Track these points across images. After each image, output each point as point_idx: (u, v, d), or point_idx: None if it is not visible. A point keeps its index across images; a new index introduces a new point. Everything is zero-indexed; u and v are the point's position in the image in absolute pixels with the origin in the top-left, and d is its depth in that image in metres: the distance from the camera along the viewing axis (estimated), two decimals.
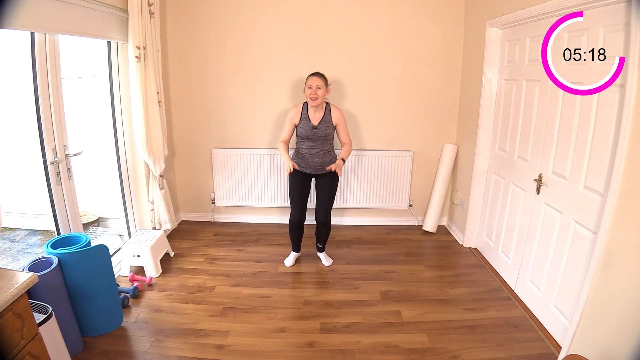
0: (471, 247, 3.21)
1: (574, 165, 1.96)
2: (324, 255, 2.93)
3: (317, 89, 2.44)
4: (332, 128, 2.58)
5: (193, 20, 3.17)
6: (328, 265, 2.89)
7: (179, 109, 3.38)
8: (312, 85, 2.45)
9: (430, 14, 3.14)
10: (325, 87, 2.49)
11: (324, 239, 2.87)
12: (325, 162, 2.59)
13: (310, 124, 2.51)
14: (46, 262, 1.86)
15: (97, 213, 3.33)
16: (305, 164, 2.59)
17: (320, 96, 2.46)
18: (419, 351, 2.03)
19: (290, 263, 2.86)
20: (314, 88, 2.44)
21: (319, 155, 2.57)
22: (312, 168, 2.60)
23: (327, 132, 2.54)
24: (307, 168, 2.60)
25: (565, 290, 2.02)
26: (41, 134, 2.11)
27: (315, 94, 2.44)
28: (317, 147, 2.56)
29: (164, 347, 2.03)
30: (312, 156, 2.56)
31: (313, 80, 2.46)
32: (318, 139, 2.54)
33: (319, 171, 2.61)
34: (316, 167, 2.59)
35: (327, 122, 2.53)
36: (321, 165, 2.59)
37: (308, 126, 2.51)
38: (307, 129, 2.52)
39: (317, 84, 2.45)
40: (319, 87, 2.45)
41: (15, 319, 1.25)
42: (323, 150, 2.58)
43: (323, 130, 2.53)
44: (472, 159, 3.03)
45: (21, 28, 1.88)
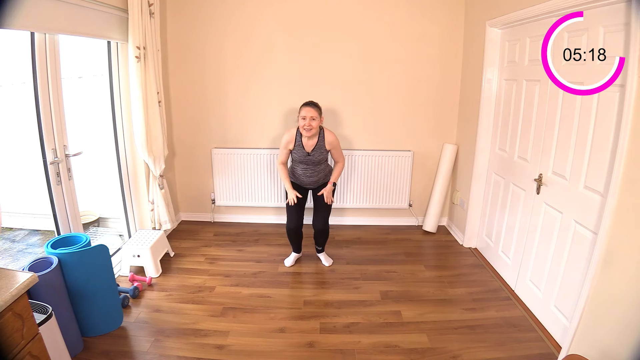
0: (471, 247, 3.21)
1: (574, 165, 1.96)
2: (324, 256, 2.94)
3: (312, 120, 2.39)
4: (326, 154, 2.59)
5: (193, 20, 3.17)
6: (328, 265, 2.89)
7: (179, 109, 3.38)
8: (306, 117, 2.39)
9: (430, 14, 3.14)
10: (319, 117, 2.42)
11: (323, 243, 2.88)
12: (320, 179, 2.63)
13: (304, 151, 2.50)
14: (46, 262, 1.86)
15: (97, 213, 3.34)
16: (300, 182, 2.64)
17: (315, 127, 2.40)
18: (419, 351, 2.03)
19: (290, 263, 2.87)
20: (308, 119, 2.39)
21: (313, 175, 2.61)
22: (308, 183, 2.65)
23: (320, 158, 2.55)
24: (303, 183, 2.64)
25: (565, 290, 2.02)
26: (41, 134, 2.11)
27: (310, 125, 2.39)
28: (310, 169, 2.59)
29: (164, 347, 2.03)
30: (307, 177, 2.60)
31: (307, 111, 2.39)
32: (311, 163, 2.56)
33: (315, 185, 2.66)
34: (311, 184, 2.64)
35: (320, 149, 2.52)
36: (316, 183, 2.63)
37: (302, 153, 2.51)
38: (300, 156, 2.52)
39: (312, 115, 2.38)
40: (313, 119, 2.39)
41: (15, 319, 1.25)
42: (317, 171, 2.60)
43: (317, 157, 2.53)
44: (472, 159, 3.03)
45: (21, 28, 1.88)
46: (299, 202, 2.61)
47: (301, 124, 2.42)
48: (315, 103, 2.47)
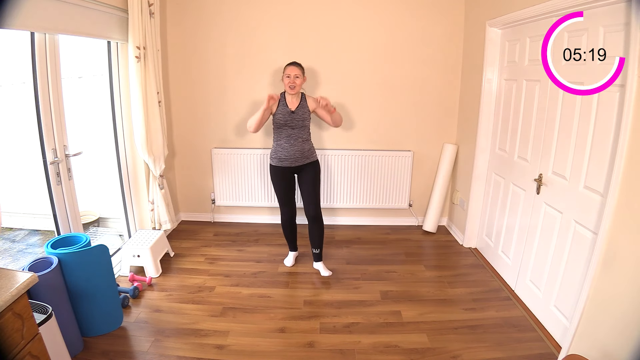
0: (471, 247, 3.21)
1: (574, 165, 1.96)
2: (322, 266, 2.77)
3: (295, 78, 2.52)
4: (309, 114, 2.60)
5: (193, 20, 3.17)
6: (327, 275, 2.73)
7: (179, 109, 3.38)
8: (290, 75, 2.52)
9: (430, 14, 3.14)
10: (302, 75, 2.55)
11: (319, 242, 2.72)
12: (305, 149, 2.59)
13: (287, 109, 2.54)
14: (46, 262, 1.86)
15: (97, 213, 3.34)
16: (285, 156, 2.56)
17: (298, 85, 2.53)
18: (419, 351, 2.03)
19: (290, 263, 2.87)
20: (292, 77, 2.51)
21: (298, 143, 2.56)
22: (292, 158, 2.56)
23: (304, 117, 2.57)
24: (287, 160, 2.56)
25: (565, 290, 2.02)
26: (41, 134, 2.12)
27: (293, 82, 2.51)
28: (295, 135, 2.55)
29: (164, 347, 2.03)
30: (291, 145, 2.55)
31: (291, 69, 2.53)
32: (296, 125, 2.54)
33: (300, 161, 2.58)
34: (296, 157, 2.57)
35: (304, 108, 2.58)
36: (302, 154, 2.58)
37: (286, 112, 2.54)
38: (285, 115, 2.54)
39: (295, 73, 2.52)
40: (297, 76, 2.52)
41: (15, 319, 1.25)
42: (302, 138, 2.58)
43: (300, 114, 2.55)
44: (472, 159, 3.03)
45: (21, 28, 1.88)
46: (288, 190, 2.64)
47: (286, 82, 2.54)
48: (299, 63, 2.58)
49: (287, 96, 2.58)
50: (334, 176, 3.45)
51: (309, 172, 2.63)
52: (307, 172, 2.63)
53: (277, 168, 2.61)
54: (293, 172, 2.65)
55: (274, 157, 2.62)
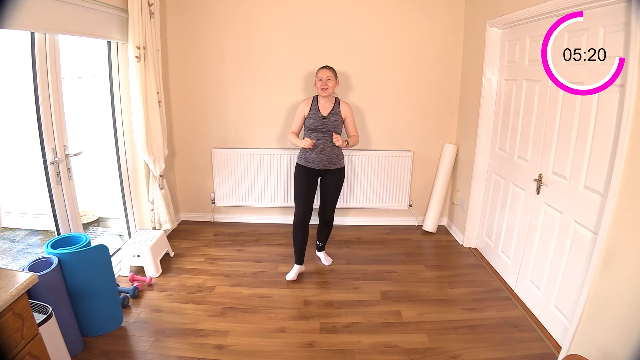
0: (471, 247, 3.21)
1: (574, 165, 1.96)
2: (324, 255, 2.94)
3: (328, 80, 2.52)
4: (341, 121, 2.61)
5: (193, 20, 3.17)
6: (328, 264, 2.89)
7: (179, 109, 3.38)
8: (322, 77, 2.53)
9: (430, 14, 3.14)
10: (334, 78, 2.55)
11: (325, 238, 2.88)
12: (334, 155, 2.59)
13: (319, 114, 2.55)
14: (46, 262, 1.86)
15: (97, 213, 3.34)
16: (313, 158, 2.57)
17: (331, 87, 2.53)
18: (419, 351, 2.03)
19: (292, 277, 2.68)
20: (324, 79, 2.52)
21: (327, 148, 2.56)
22: (319, 162, 2.57)
23: (335, 123, 2.56)
24: (314, 162, 2.57)
25: (565, 290, 2.02)
26: (41, 134, 2.11)
27: (325, 84, 2.52)
28: (325, 139, 2.55)
29: (164, 347, 2.03)
30: (320, 149, 2.55)
31: (323, 72, 2.54)
32: (327, 130, 2.54)
33: (327, 166, 2.59)
34: (324, 161, 2.57)
35: (336, 114, 2.58)
36: (329, 159, 2.58)
37: (317, 116, 2.55)
38: (316, 119, 2.55)
39: (327, 75, 2.53)
40: (329, 79, 2.52)
41: (15, 319, 1.25)
42: (332, 143, 2.56)
43: (332, 121, 2.55)
44: (472, 159, 3.03)
45: (21, 28, 1.88)
46: (309, 192, 2.61)
47: (318, 85, 2.55)
48: (331, 66, 2.60)
49: (320, 100, 2.58)
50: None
51: (334, 179, 2.65)
52: (331, 178, 2.64)
53: (302, 167, 2.61)
54: (318, 174, 2.65)
55: (302, 157, 2.62)
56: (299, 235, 2.67)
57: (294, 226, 2.67)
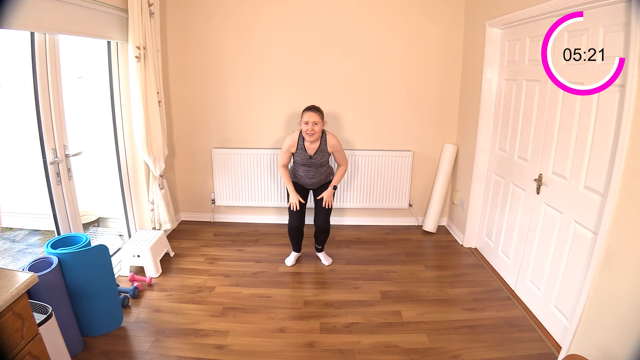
0: (471, 247, 3.21)
1: (574, 165, 1.96)
2: (324, 255, 2.94)
3: (314, 125, 2.40)
4: (328, 155, 2.60)
5: (193, 20, 3.17)
6: (328, 264, 2.90)
7: (179, 109, 3.38)
8: (308, 122, 2.40)
9: (430, 14, 3.14)
10: (321, 121, 2.44)
11: (323, 242, 2.89)
12: (322, 180, 2.66)
13: (306, 154, 2.53)
14: (46, 262, 1.86)
15: (97, 213, 3.34)
16: (304, 181, 2.66)
17: (317, 131, 2.43)
18: (419, 351, 2.03)
19: (291, 262, 2.87)
20: (310, 124, 2.40)
21: (315, 177, 2.63)
22: (310, 184, 2.67)
23: (322, 161, 2.57)
24: (306, 184, 2.67)
25: (565, 290, 2.02)
26: (41, 134, 2.11)
27: (312, 129, 2.41)
28: (312, 171, 2.61)
29: (164, 347, 2.03)
30: (308, 178, 2.62)
31: (309, 116, 2.41)
32: (314, 166, 2.58)
33: (318, 185, 2.68)
34: (314, 182, 2.66)
35: (322, 152, 2.54)
36: (318, 184, 2.66)
37: (304, 156, 2.54)
38: (303, 159, 2.54)
39: (314, 119, 2.40)
40: (316, 123, 2.40)
41: (15, 319, 1.25)
42: (319, 172, 2.62)
43: (319, 160, 2.56)
44: (472, 159, 3.03)
45: (21, 28, 1.88)
46: (300, 203, 2.60)
47: (304, 129, 2.43)
48: (317, 107, 2.47)
49: (306, 142, 2.50)
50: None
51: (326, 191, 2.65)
52: (323, 191, 2.65)
53: (294, 183, 2.65)
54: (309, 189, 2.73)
55: (293, 175, 2.65)
56: (295, 237, 2.80)
57: (289, 231, 2.78)
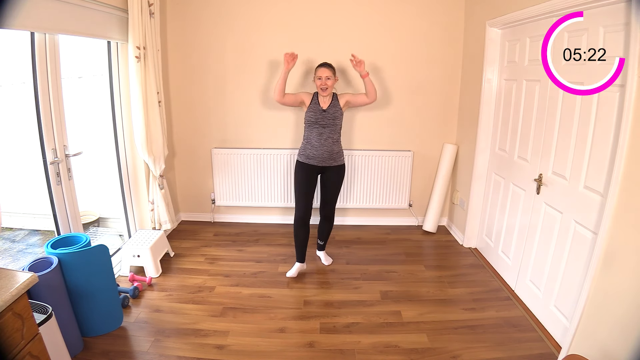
0: (471, 247, 3.21)
1: (574, 165, 1.96)
2: (324, 255, 2.94)
3: (327, 80, 2.53)
4: (341, 112, 2.62)
5: (193, 20, 3.17)
6: (328, 264, 2.89)
7: (179, 109, 3.38)
8: (321, 76, 2.54)
9: (430, 14, 3.14)
10: (333, 76, 2.56)
11: (326, 235, 2.87)
12: (334, 151, 2.60)
13: (319, 107, 2.57)
14: (46, 262, 1.86)
15: (97, 213, 3.34)
16: (313, 154, 2.57)
17: (330, 86, 2.55)
18: (419, 351, 2.03)
19: (292, 274, 2.71)
20: (323, 79, 2.53)
21: (327, 144, 2.56)
22: (320, 158, 2.57)
23: (335, 115, 2.57)
24: (314, 158, 2.57)
25: (565, 290, 2.02)
26: (41, 134, 2.11)
27: (325, 84, 2.53)
28: (326, 134, 2.56)
29: (164, 347, 2.03)
30: (321, 144, 2.55)
31: (322, 71, 2.55)
32: (327, 124, 2.55)
33: (327, 162, 2.59)
34: (324, 157, 2.57)
35: (335, 107, 2.59)
36: (330, 155, 2.58)
37: (317, 109, 2.57)
38: (316, 112, 2.56)
39: (327, 74, 2.53)
40: (328, 78, 2.53)
41: (15, 319, 1.25)
42: (332, 139, 2.58)
43: (332, 113, 2.57)
44: (472, 159, 3.03)
45: (21, 28, 1.88)
46: (309, 189, 2.61)
47: (318, 84, 2.56)
48: (330, 64, 2.59)
49: (319, 96, 2.61)
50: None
51: (334, 175, 2.65)
52: (332, 175, 2.65)
53: (302, 164, 2.62)
54: (318, 171, 2.65)
55: (302, 154, 2.63)
56: (300, 233, 2.68)
57: (295, 224, 2.67)
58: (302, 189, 2.63)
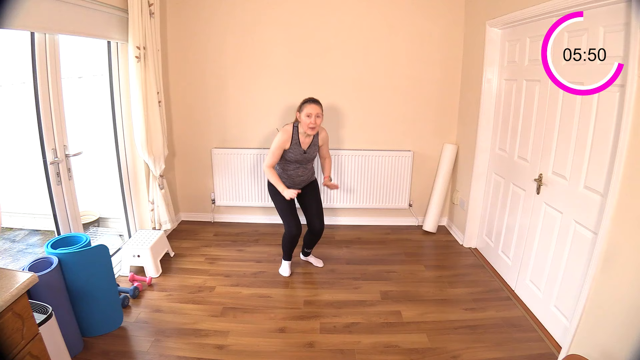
0: (471, 247, 3.21)
1: (574, 165, 1.96)
2: (314, 258, 2.91)
3: (317, 118, 2.32)
4: (318, 149, 2.58)
5: (193, 20, 3.17)
6: (322, 265, 2.87)
7: (179, 109, 3.38)
8: (311, 114, 2.31)
9: (430, 14, 3.14)
10: (322, 114, 2.38)
11: (314, 245, 2.81)
12: (309, 177, 2.62)
13: (300, 149, 2.45)
14: (46, 262, 1.86)
15: (97, 213, 3.34)
16: (292, 183, 2.55)
17: (319, 125, 2.37)
18: (419, 351, 2.03)
19: (288, 272, 2.73)
20: (313, 117, 2.31)
21: (304, 174, 2.58)
22: (298, 185, 2.58)
23: (314, 155, 2.55)
24: (294, 186, 2.55)
25: (565, 290, 2.02)
26: (41, 134, 2.11)
27: (315, 123, 2.32)
28: (302, 168, 2.55)
29: (164, 347, 2.03)
30: (298, 176, 2.55)
31: (313, 108, 2.32)
32: (306, 161, 2.54)
33: (304, 184, 2.61)
34: (302, 182, 2.59)
35: (315, 146, 2.52)
36: (306, 182, 2.61)
37: (298, 151, 2.45)
38: (297, 154, 2.45)
39: (317, 112, 2.32)
40: (318, 116, 2.33)
41: (16, 319, 1.25)
42: (307, 169, 2.59)
43: (311, 154, 2.53)
44: (472, 159, 3.03)
45: (21, 28, 1.88)
46: (293, 206, 2.56)
47: (306, 122, 2.33)
48: (318, 100, 2.42)
49: (301, 134, 2.42)
50: (334, 176, 3.44)
51: (312, 189, 2.64)
52: (310, 189, 2.64)
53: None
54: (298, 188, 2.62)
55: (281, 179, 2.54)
56: (292, 245, 2.65)
57: (290, 239, 2.58)
58: (288, 209, 2.52)
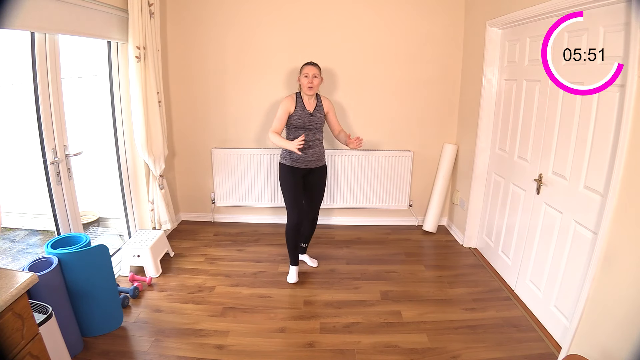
0: (471, 247, 3.21)
1: (574, 165, 1.96)
2: (308, 257, 2.91)
3: (314, 78, 2.44)
4: (324, 115, 2.58)
5: (193, 20, 3.17)
6: (316, 266, 2.87)
7: (179, 109, 3.38)
8: (308, 74, 2.44)
9: (430, 14, 3.14)
10: (319, 75, 2.48)
11: (310, 237, 2.84)
12: (320, 152, 2.56)
13: (306, 111, 2.48)
14: (46, 262, 1.86)
15: (97, 213, 3.34)
16: (302, 157, 2.48)
17: (316, 85, 2.46)
18: (419, 351, 2.03)
19: (294, 279, 2.66)
20: (310, 76, 2.44)
21: (315, 146, 2.51)
22: (308, 160, 2.51)
23: (321, 119, 2.54)
24: (303, 162, 2.50)
25: (565, 290, 2.02)
26: (41, 134, 2.11)
27: (311, 82, 2.44)
28: (312, 137, 2.50)
29: (164, 347, 2.03)
30: (308, 147, 2.48)
31: (309, 69, 2.46)
32: (313, 127, 2.50)
33: (314, 164, 2.54)
34: (313, 159, 2.52)
35: (320, 110, 2.54)
36: (317, 156, 2.54)
37: (304, 113, 2.47)
38: (303, 117, 2.47)
39: (313, 72, 2.45)
40: (315, 76, 2.45)
41: (15, 319, 1.25)
42: (318, 141, 2.54)
43: (318, 117, 2.52)
44: (472, 159, 3.03)
45: (21, 28, 1.88)
46: (301, 192, 2.54)
47: (304, 82, 2.45)
48: (315, 62, 2.51)
49: (304, 97, 2.50)
50: (334, 176, 3.44)
51: (319, 177, 2.62)
52: (317, 176, 2.60)
53: (289, 168, 2.51)
54: (304, 174, 2.56)
55: (288, 157, 2.51)
56: (295, 238, 2.61)
57: (291, 231, 2.56)
58: (294, 194, 2.52)
